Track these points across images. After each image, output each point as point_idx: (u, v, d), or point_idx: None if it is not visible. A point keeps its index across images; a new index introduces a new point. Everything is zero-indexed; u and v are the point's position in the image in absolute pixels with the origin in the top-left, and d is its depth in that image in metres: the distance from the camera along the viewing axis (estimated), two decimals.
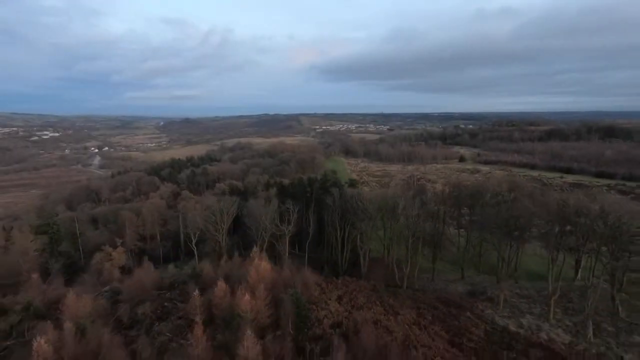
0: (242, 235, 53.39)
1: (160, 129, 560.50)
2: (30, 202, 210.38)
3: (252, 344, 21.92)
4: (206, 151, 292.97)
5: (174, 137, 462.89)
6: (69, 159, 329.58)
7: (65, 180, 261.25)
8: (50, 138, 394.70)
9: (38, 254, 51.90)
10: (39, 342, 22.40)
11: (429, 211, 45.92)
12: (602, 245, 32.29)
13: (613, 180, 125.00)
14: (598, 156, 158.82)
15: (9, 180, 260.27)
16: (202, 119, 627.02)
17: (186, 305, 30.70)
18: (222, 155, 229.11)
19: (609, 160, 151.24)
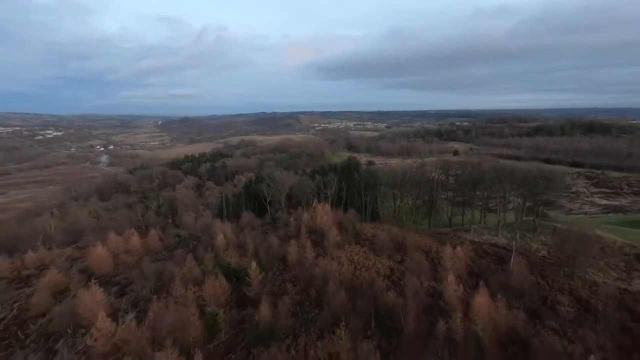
0: (290, 201, 75.48)
1: (160, 128, 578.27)
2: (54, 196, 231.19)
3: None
4: (211, 149, 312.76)
5: (175, 136, 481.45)
6: (77, 157, 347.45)
7: (78, 177, 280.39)
8: (54, 137, 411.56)
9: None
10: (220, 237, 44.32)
11: (427, 177, 68.58)
12: (526, 190, 55.35)
13: (583, 168, 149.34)
14: (576, 149, 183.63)
15: (24, 178, 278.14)
16: (200, 118, 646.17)
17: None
18: (233, 151, 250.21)
19: (585, 152, 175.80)
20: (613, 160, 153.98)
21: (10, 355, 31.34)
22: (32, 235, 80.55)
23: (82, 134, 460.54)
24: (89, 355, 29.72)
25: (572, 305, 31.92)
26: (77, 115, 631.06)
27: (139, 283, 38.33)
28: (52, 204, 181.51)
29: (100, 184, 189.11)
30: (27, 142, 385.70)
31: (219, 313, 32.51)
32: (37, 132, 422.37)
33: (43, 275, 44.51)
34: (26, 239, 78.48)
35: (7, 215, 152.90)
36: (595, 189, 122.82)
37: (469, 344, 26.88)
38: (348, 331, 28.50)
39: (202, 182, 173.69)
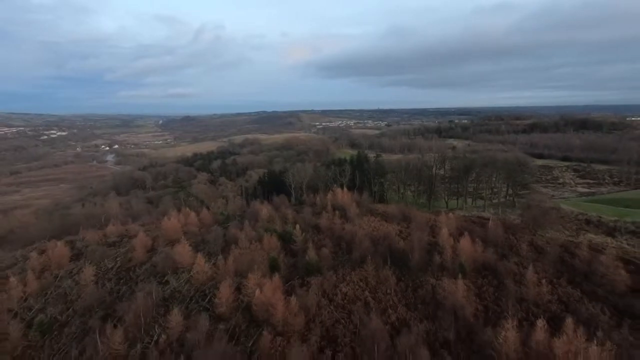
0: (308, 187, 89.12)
1: (161, 127, 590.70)
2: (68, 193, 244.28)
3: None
4: (216, 147, 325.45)
5: (177, 135, 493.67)
6: (84, 157, 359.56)
7: (89, 175, 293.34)
8: (58, 137, 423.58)
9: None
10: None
11: (427, 164, 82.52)
12: (505, 173, 69.50)
13: (572, 162, 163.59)
14: (567, 145, 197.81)
15: (35, 176, 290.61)
16: (201, 117, 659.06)
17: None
18: (240, 149, 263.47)
19: (575, 148, 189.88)
20: (600, 154, 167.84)
21: (131, 286, 44.96)
22: (88, 220, 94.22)
23: (85, 134, 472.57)
24: (191, 283, 43.38)
25: (530, 250, 45.74)
26: (78, 115, 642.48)
27: (211, 241, 51.86)
28: (71, 200, 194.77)
29: (117, 180, 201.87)
30: (33, 142, 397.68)
31: (278, 257, 46.33)
32: (41, 132, 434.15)
33: (126, 241, 58.20)
34: (80, 223, 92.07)
35: (28, 210, 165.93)
36: (580, 180, 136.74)
37: (456, 269, 40.67)
38: (373, 264, 42.36)
39: (215, 178, 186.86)
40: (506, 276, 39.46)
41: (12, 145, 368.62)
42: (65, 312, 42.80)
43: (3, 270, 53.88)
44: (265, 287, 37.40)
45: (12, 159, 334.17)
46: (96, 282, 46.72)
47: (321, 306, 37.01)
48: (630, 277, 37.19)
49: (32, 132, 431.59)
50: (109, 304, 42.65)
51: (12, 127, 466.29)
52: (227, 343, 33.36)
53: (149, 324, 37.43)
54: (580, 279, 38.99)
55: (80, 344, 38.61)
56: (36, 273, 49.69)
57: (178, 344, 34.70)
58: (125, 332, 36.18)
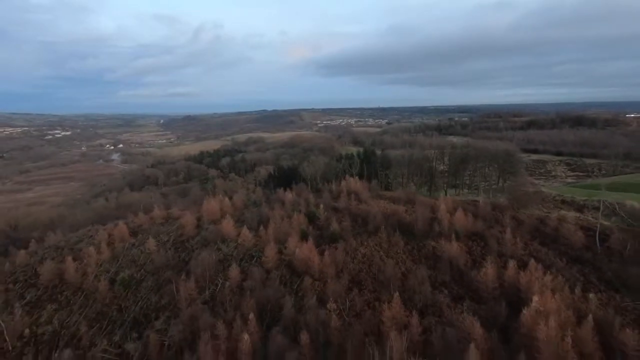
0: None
1: (163, 127, 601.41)
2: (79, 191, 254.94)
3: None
4: (220, 146, 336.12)
5: (180, 134, 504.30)
6: (90, 156, 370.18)
7: (96, 173, 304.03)
8: (63, 137, 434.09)
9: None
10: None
11: (427, 157, 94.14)
12: (495, 162, 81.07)
13: (565, 157, 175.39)
14: (561, 140, 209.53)
15: (45, 175, 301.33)
16: (202, 116, 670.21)
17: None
18: (246, 147, 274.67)
19: (569, 143, 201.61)
20: (592, 149, 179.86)
21: (189, 252, 56.29)
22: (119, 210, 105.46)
23: (89, 134, 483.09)
24: (239, 249, 54.73)
25: (512, 221, 57.16)
26: (79, 115, 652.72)
27: (248, 219, 63.13)
28: (88, 195, 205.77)
29: (131, 177, 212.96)
30: (38, 142, 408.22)
31: (307, 229, 57.73)
32: (45, 131, 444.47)
33: (172, 221, 69.51)
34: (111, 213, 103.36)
35: (43, 207, 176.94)
36: (571, 173, 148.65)
37: (452, 235, 52.07)
38: (385, 232, 53.80)
39: (225, 174, 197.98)
40: (490, 239, 50.94)
41: (19, 145, 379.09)
42: (139, 272, 54.12)
43: (74, 245, 65.13)
44: (302, 247, 48.79)
45: (20, 159, 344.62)
46: (158, 251, 58.02)
47: (346, 262, 48.42)
48: (585, 238, 48.73)
49: (37, 132, 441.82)
50: (175, 265, 54.01)
51: (15, 127, 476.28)
52: (278, 286, 44.77)
53: (212, 276, 48.78)
54: (548, 241, 50.47)
55: (158, 293, 50.00)
56: (104, 245, 60.96)
57: (238, 289, 46.03)
58: (196, 282, 47.54)
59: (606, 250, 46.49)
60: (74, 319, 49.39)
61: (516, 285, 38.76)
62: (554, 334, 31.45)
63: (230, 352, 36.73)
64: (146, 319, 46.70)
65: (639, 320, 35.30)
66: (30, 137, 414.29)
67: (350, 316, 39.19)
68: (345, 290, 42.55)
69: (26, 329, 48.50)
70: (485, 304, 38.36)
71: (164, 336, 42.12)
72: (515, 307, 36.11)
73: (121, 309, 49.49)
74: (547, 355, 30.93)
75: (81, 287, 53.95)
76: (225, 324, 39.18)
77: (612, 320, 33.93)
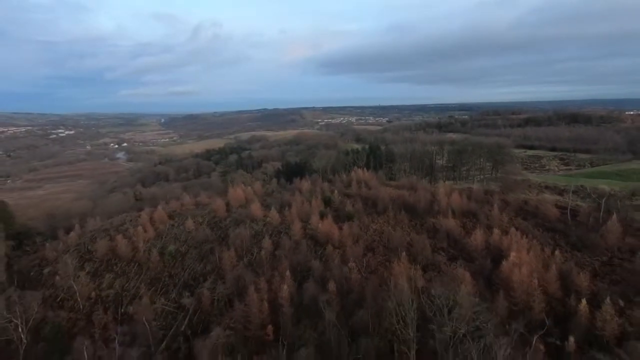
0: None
1: (164, 126, 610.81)
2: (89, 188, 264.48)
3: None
4: (224, 144, 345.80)
5: (182, 133, 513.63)
6: (95, 154, 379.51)
7: (103, 171, 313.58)
8: (66, 136, 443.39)
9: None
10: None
11: (428, 151, 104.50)
12: (489, 154, 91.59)
13: (558, 152, 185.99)
14: (557, 137, 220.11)
15: (53, 173, 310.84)
16: (204, 115, 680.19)
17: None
18: (251, 145, 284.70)
19: (564, 139, 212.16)
20: (585, 145, 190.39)
21: (224, 230, 66.53)
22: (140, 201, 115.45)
23: (92, 133, 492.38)
24: (267, 227, 64.98)
25: (500, 202, 67.53)
26: (80, 115, 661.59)
27: (272, 203, 73.40)
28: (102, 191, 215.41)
29: (142, 174, 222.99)
30: (42, 141, 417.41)
31: (325, 210, 68.06)
32: (49, 131, 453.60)
33: (201, 207, 79.72)
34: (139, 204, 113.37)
35: (56, 204, 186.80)
36: (564, 167, 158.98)
37: (449, 213, 62.42)
38: (392, 212, 64.16)
39: (233, 170, 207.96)
40: (481, 215, 61.36)
41: (24, 144, 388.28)
42: (183, 246, 64.38)
43: (119, 227, 75.33)
44: (323, 223, 59.11)
45: (27, 157, 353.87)
46: (196, 229, 68.26)
47: (361, 234, 58.76)
48: (560, 214, 59.25)
49: (41, 131, 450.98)
50: (213, 240, 64.24)
51: (18, 126, 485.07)
52: (305, 252, 55.05)
53: (248, 247, 59.09)
54: (529, 216, 61.00)
55: (202, 262, 60.26)
56: (149, 225, 71.19)
57: (272, 256, 56.29)
58: (235, 252, 57.78)
59: (575, 222, 56.97)
60: (132, 284, 59.65)
61: (499, 247, 49.16)
62: (525, 278, 41.97)
63: (271, 300, 47.08)
64: (195, 282, 56.98)
65: (593, 271, 45.73)
66: (35, 137, 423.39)
67: (366, 272, 49.50)
68: (362, 255, 52.89)
69: (92, 292, 58.74)
70: (474, 262, 48.72)
71: (213, 293, 52.30)
72: (497, 262, 46.51)
73: (171, 275, 59.76)
74: (519, 293, 41.43)
75: (133, 259, 64.16)
76: (266, 281, 49.54)
77: (571, 269, 44.37)
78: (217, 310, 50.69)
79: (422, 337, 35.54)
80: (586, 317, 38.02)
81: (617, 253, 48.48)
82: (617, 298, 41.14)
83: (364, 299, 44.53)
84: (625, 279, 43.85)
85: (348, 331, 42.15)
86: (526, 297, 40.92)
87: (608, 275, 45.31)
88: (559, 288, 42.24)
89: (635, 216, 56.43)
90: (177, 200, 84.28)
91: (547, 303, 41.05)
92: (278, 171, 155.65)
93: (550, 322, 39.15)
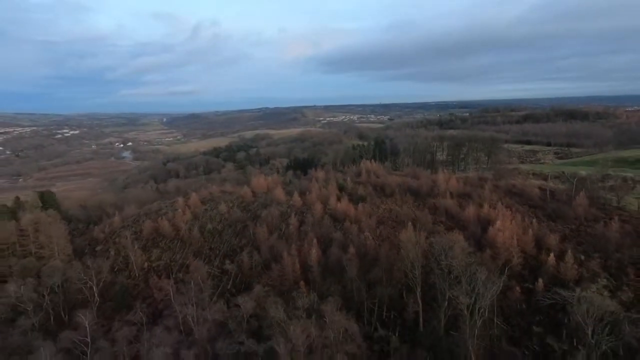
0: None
1: (166, 125, 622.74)
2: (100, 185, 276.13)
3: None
4: (228, 143, 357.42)
5: (186, 132, 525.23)
6: (102, 153, 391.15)
7: (112, 170, 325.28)
8: (71, 135, 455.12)
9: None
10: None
11: (429, 145, 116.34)
12: (484, 146, 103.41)
13: (554, 147, 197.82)
14: (553, 133, 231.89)
15: (63, 172, 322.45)
16: (206, 114, 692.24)
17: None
18: (253, 143, 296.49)
19: (559, 135, 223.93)
20: (579, 139, 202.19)
21: (253, 212, 78.16)
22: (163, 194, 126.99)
23: (96, 132, 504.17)
24: (291, 208, 76.66)
25: (492, 186, 79.21)
26: (82, 115, 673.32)
27: (293, 189, 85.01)
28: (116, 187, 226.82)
29: (153, 171, 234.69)
30: (48, 141, 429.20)
31: (340, 193, 79.76)
32: (54, 131, 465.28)
33: (227, 195, 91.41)
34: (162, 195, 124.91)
35: (71, 201, 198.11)
36: (557, 160, 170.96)
37: (447, 194, 74.09)
38: (398, 195, 75.91)
39: (241, 167, 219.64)
40: (474, 195, 73.08)
41: (31, 144, 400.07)
42: (219, 225, 76.05)
43: (157, 212, 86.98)
44: (341, 203, 70.82)
45: (35, 157, 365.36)
46: (228, 211, 79.91)
47: (373, 212, 70.46)
48: (542, 194, 70.92)
49: (46, 131, 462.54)
50: (245, 219, 75.85)
51: (23, 127, 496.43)
52: (327, 226, 66.72)
53: (277, 224, 70.74)
54: (516, 196, 72.74)
55: (237, 237, 71.91)
56: (187, 209, 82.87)
57: (298, 230, 67.92)
58: (267, 227, 69.41)
59: (553, 200, 68.73)
60: (178, 256, 71.31)
61: (487, 218, 60.88)
62: (507, 240, 53.66)
63: (302, 263, 58.73)
64: (233, 253, 68.64)
65: (563, 235, 57.48)
66: (41, 137, 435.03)
67: (379, 240, 61.18)
68: (375, 226, 64.58)
69: (145, 263, 70.43)
70: (467, 230, 60.36)
71: (251, 259, 63.87)
72: (486, 230, 58.10)
73: (212, 248, 71.44)
74: (502, 251, 53.11)
75: (176, 237, 75.80)
76: (296, 248, 61.21)
77: (545, 234, 56.09)
78: (255, 273, 62.30)
79: (426, 277, 47.29)
80: (553, 267, 49.78)
81: (584, 221, 60.20)
82: (580, 255, 52.98)
83: (378, 259, 56.20)
84: (587, 241, 55.62)
85: (366, 284, 53.75)
86: (507, 254, 52.57)
87: (575, 238, 57.06)
88: (534, 247, 54.00)
89: (604, 194, 68.20)
90: (205, 189, 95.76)
91: (524, 258, 52.78)
92: (287, 166, 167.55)
93: (526, 272, 50.93)
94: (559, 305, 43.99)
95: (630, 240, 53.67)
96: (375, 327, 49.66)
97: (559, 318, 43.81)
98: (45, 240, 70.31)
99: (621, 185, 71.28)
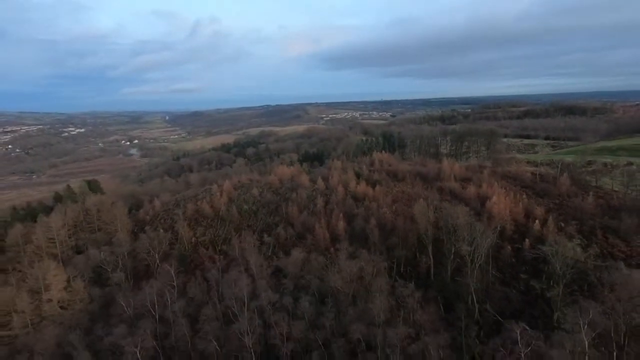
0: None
1: (170, 123, 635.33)
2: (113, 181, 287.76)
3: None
4: (233, 140, 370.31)
5: (189, 129, 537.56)
6: (109, 151, 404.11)
7: (122, 166, 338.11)
8: (78, 134, 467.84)
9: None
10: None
11: (434, 139, 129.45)
12: (484, 138, 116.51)
13: (551, 140, 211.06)
14: (551, 127, 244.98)
15: (73, 169, 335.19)
16: (209, 112, 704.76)
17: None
18: (259, 140, 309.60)
19: (557, 129, 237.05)
20: (576, 133, 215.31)
21: (283, 195, 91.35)
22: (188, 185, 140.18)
23: (101, 131, 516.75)
24: (316, 191, 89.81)
25: (490, 171, 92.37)
26: (85, 113, 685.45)
27: (314, 176, 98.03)
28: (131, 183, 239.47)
29: (167, 166, 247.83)
30: (55, 139, 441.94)
31: (358, 178, 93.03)
32: (60, 129, 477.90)
33: (255, 182, 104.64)
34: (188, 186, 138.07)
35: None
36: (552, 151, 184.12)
37: (451, 178, 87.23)
38: (409, 179, 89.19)
39: (256, 160, 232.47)
40: (475, 179, 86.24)
41: (39, 142, 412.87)
42: (254, 205, 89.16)
43: (194, 197, 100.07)
44: (360, 186, 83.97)
45: (45, 155, 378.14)
46: (260, 195, 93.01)
47: (388, 193, 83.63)
48: (533, 177, 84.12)
49: (52, 130, 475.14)
50: (276, 201, 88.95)
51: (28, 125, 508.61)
52: (350, 204, 79.83)
53: (306, 203, 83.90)
54: (510, 179, 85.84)
55: (270, 216, 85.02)
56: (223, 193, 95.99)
57: (325, 209, 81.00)
58: (297, 206, 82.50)
59: (542, 181, 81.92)
60: (220, 232, 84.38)
61: (486, 195, 74.02)
62: (502, 210, 66.85)
63: (331, 232, 71.91)
64: (269, 229, 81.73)
65: (548, 208, 70.68)
66: (47, 135, 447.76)
67: (395, 214, 74.34)
68: (391, 203, 77.73)
69: (192, 238, 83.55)
70: (468, 205, 73.46)
71: (286, 232, 76.97)
72: (484, 204, 71.20)
73: (249, 225, 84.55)
74: (497, 219, 66.25)
75: (216, 216, 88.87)
76: (325, 222, 74.37)
77: (533, 206, 69.29)
78: (291, 243, 75.43)
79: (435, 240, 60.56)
80: (538, 230, 62.92)
81: (565, 197, 73.37)
82: (560, 222, 66.16)
83: (395, 229, 69.32)
84: (567, 212, 68.83)
85: (385, 247, 66.95)
86: (501, 221, 65.71)
87: (557, 209, 70.21)
88: (524, 217, 67.20)
89: (585, 177, 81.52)
90: (234, 177, 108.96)
91: (515, 225, 65.97)
92: (299, 160, 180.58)
93: (516, 236, 64.14)
94: (540, 258, 57.05)
95: (602, 211, 66.92)
96: (395, 279, 62.84)
97: (540, 267, 56.90)
98: (109, 218, 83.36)
99: (601, 169, 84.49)
